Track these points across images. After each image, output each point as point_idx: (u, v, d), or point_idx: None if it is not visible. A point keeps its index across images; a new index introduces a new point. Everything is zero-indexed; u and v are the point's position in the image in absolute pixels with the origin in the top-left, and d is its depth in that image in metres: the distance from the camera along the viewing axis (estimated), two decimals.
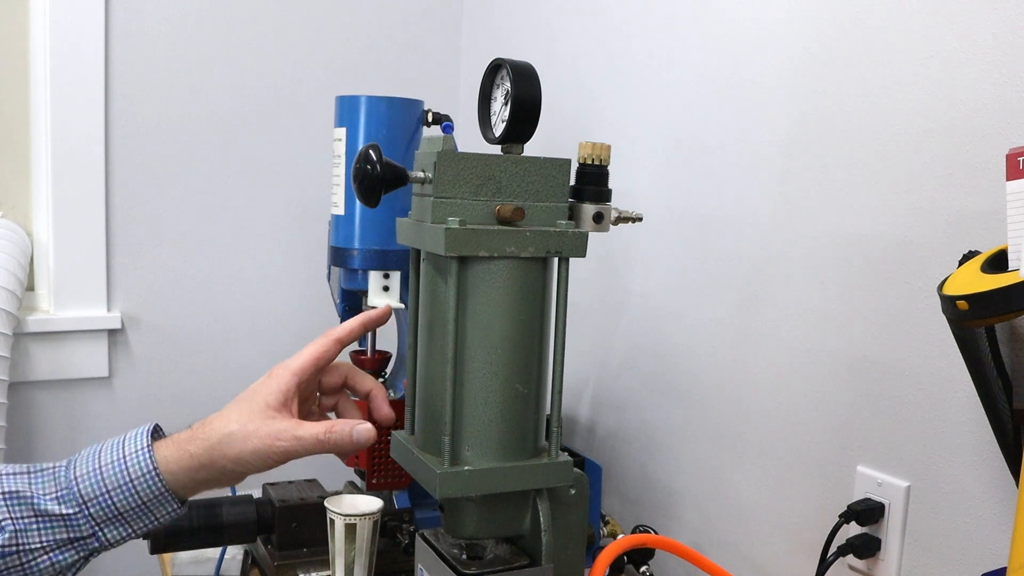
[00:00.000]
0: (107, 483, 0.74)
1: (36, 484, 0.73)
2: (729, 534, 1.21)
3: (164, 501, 0.75)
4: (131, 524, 0.75)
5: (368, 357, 1.31)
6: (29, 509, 0.72)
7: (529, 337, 0.86)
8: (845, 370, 1.02)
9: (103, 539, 0.75)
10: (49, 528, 0.73)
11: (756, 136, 1.14)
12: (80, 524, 0.73)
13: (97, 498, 0.73)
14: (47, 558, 0.73)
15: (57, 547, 0.73)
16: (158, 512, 0.76)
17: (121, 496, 0.74)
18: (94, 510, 0.73)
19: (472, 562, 0.91)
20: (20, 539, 0.72)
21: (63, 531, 0.73)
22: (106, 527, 0.74)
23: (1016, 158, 0.69)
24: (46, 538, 0.72)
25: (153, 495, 0.75)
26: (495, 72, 0.92)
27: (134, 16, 1.65)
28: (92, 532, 0.74)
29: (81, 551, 0.74)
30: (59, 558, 0.73)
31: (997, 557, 0.86)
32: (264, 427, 0.80)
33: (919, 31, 0.92)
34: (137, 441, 0.77)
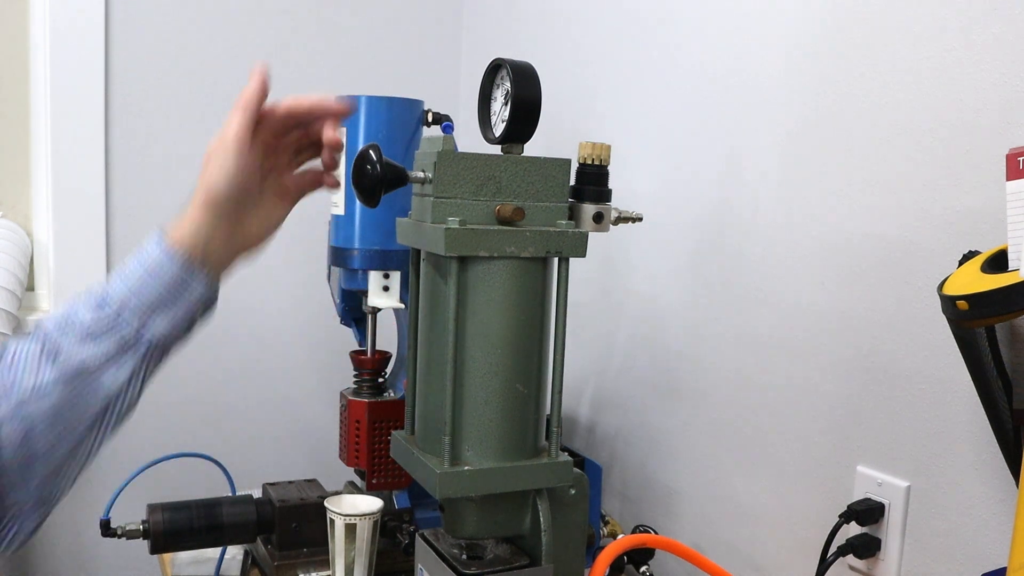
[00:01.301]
0: (132, 279, 0.76)
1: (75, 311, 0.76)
2: (729, 534, 1.21)
3: (189, 276, 0.78)
4: (169, 312, 0.77)
5: (368, 357, 1.31)
6: (76, 330, 0.75)
7: (529, 337, 0.86)
8: (845, 370, 1.02)
9: (152, 337, 0.77)
10: (98, 340, 0.75)
11: (756, 136, 1.14)
12: (124, 329, 0.76)
13: (130, 297, 0.76)
14: (107, 371, 0.75)
15: (111, 357, 0.75)
16: (189, 291, 0.78)
17: (149, 285, 0.76)
18: (134, 303, 0.76)
19: (472, 562, 0.91)
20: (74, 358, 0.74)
21: (110, 340, 0.75)
22: (148, 321, 0.76)
23: (1016, 158, 0.69)
24: (98, 351, 0.75)
25: (178, 276, 0.77)
26: (495, 72, 0.92)
27: (134, 16, 1.65)
28: (137, 330, 0.76)
29: (134, 356, 0.77)
30: (118, 367, 0.76)
31: (997, 557, 0.86)
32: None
33: (919, 31, 0.92)
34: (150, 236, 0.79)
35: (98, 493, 1.71)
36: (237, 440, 1.80)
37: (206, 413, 1.79)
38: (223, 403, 1.81)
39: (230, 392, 1.81)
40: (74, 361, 0.74)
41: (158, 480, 1.31)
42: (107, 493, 1.19)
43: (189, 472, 1.40)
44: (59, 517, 1.74)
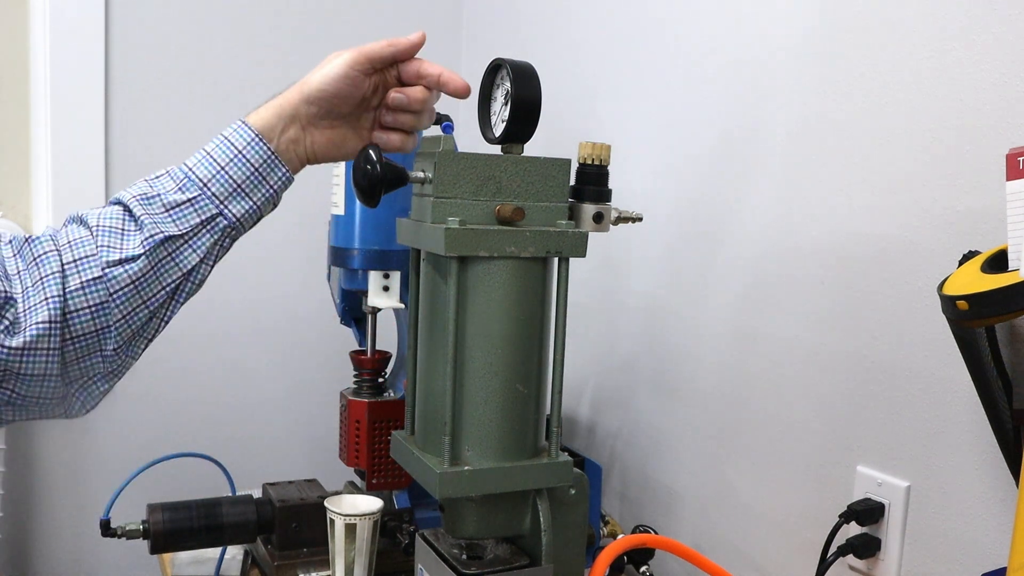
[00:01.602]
0: (219, 161, 0.80)
1: (157, 186, 0.80)
2: (729, 534, 1.21)
3: (273, 165, 0.82)
4: (251, 195, 0.81)
5: (368, 357, 1.31)
6: (159, 204, 0.78)
7: (529, 337, 0.86)
8: (845, 370, 1.02)
9: (230, 216, 0.80)
10: (181, 216, 0.78)
11: (756, 136, 1.14)
12: (205, 205, 0.79)
13: (214, 176, 0.80)
14: (188, 246, 0.79)
15: (193, 233, 0.79)
16: (271, 179, 0.82)
17: (235, 168, 0.80)
18: (215, 188, 0.79)
19: (472, 562, 0.91)
20: (159, 230, 0.78)
21: (193, 215, 0.79)
22: (229, 202, 0.80)
23: (1016, 158, 0.69)
24: (181, 226, 0.78)
25: (262, 160, 0.81)
26: (495, 72, 0.92)
27: (134, 16, 1.65)
28: (218, 210, 0.80)
29: (214, 232, 0.80)
30: (198, 244, 0.80)
31: (997, 557, 0.86)
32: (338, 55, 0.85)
33: (919, 31, 0.92)
34: (232, 125, 0.83)
35: (98, 493, 1.71)
36: (237, 440, 1.80)
37: (206, 413, 1.79)
38: (223, 403, 1.81)
39: (230, 392, 1.81)
40: (159, 233, 0.78)
41: (158, 480, 1.31)
42: (107, 493, 1.19)
43: (189, 472, 1.40)
44: (59, 517, 1.75)
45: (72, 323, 0.76)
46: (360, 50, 0.84)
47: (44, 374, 0.76)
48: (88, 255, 0.77)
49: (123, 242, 0.78)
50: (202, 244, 0.80)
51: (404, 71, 0.88)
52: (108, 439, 1.72)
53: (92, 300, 0.77)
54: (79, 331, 0.77)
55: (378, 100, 0.89)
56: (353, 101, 0.85)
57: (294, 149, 0.85)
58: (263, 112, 0.83)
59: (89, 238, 0.78)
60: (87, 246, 0.77)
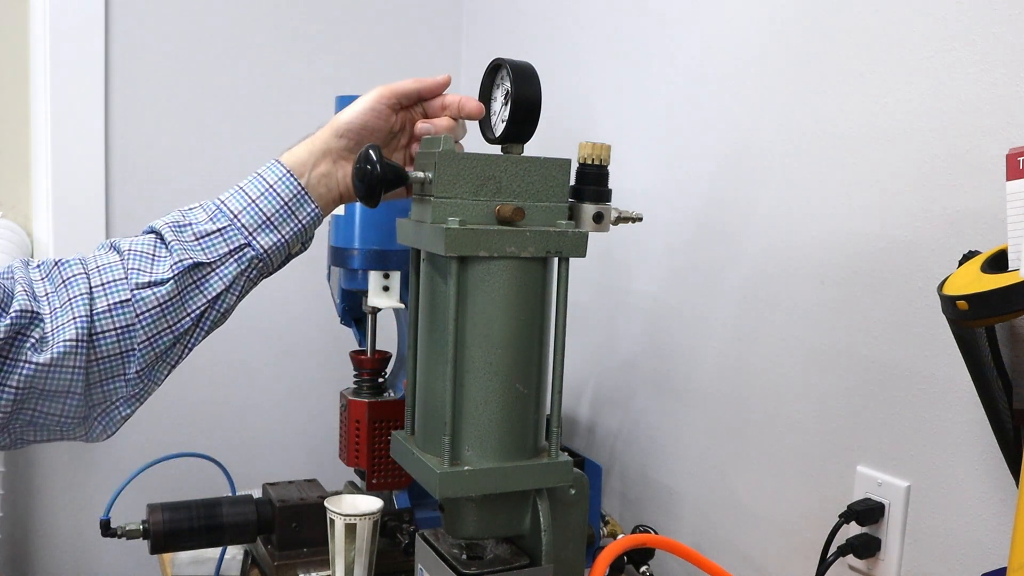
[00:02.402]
0: (250, 194, 0.84)
1: (190, 216, 0.83)
2: (729, 534, 1.21)
3: (303, 201, 0.85)
4: (279, 228, 0.84)
5: (368, 357, 1.31)
6: (190, 233, 0.82)
7: (529, 337, 0.86)
8: (845, 370, 1.02)
9: (257, 247, 0.83)
10: (210, 245, 0.82)
11: (756, 136, 1.14)
12: (234, 235, 0.82)
13: (245, 209, 0.83)
14: (215, 274, 0.82)
15: (221, 261, 0.82)
16: (300, 213, 0.86)
17: (265, 201, 0.83)
18: (244, 220, 0.83)
19: (472, 562, 0.91)
20: (187, 256, 0.81)
21: (222, 244, 0.82)
22: (257, 234, 0.83)
23: (1016, 158, 0.69)
24: (209, 254, 0.81)
25: (293, 195, 0.85)
26: (495, 72, 0.92)
27: (134, 16, 1.65)
28: (247, 240, 0.83)
29: (241, 262, 0.83)
30: (224, 272, 0.82)
31: (997, 557, 0.86)
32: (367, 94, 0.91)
33: (919, 31, 0.92)
34: (267, 164, 0.86)
35: (98, 493, 1.71)
36: (237, 440, 1.81)
37: (206, 413, 1.79)
38: (223, 403, 1.81)
39: (230, 392, 1.81)
40: (188, 259, 0.81)
41: (158, 480, 1.31)
42: (107, 493, 1.19)
43: (189, 472, 1.40)
44: (59, 517, 1.75)
45: (98, 344, 0.78)
46: (388, 86, 0.89)
47: (68, 391, 0.78)
48: (117, 279, 0.79)
49: (152, 266, 0.80)
50: (228, 272, 0.83)
51: (429, 107, 0.93)
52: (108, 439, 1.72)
53: (118, 323, 0.79)
54: (104, 352, 0.79)
55: (406, 138, 0.94)
56: (381, 134, 0.90)
57: (326, 183, 0.87)
58: (295, 150, 0.87)
59: (119, 262, 0.80)
60: (116, 270, 0.80)
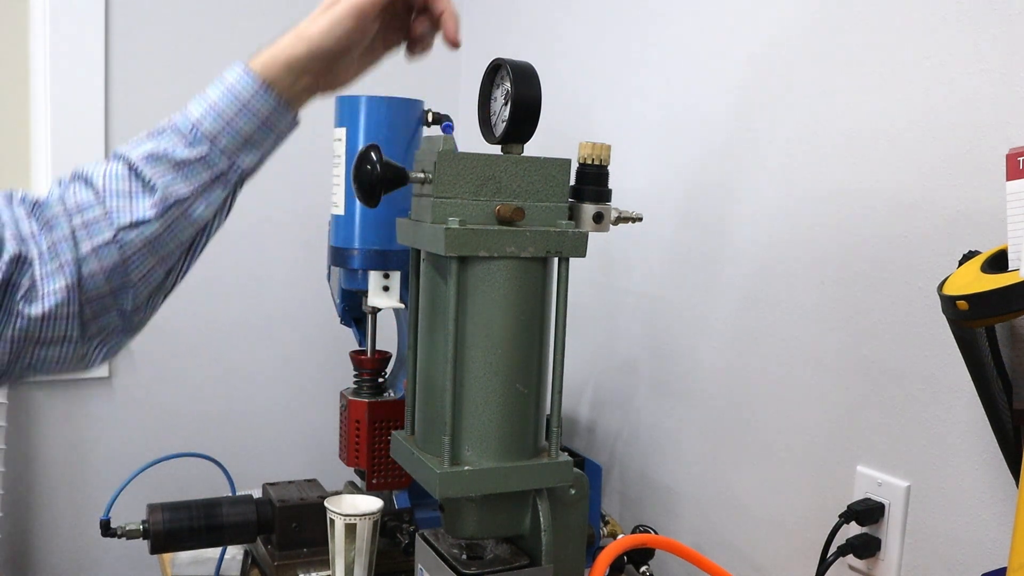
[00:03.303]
0: (225, 114, 0.77)
1: (163, 142, 0.77)
2: (729, 534, 1.21)
3: (280, 113, 0.80)
4: (260, 146, 0.80)
5: (368, 357, 1.31)
6: (167, 163, 0.76)
7: (529, 337, 0.86)
8: (845, 370, 1.02)
9: (240, 168, 0.79)
10: (192, 174, 0.77)
11: (756, 136, 1.14)
12: (216, 160, 0.77)
13: (222, 131, 0.77)
14: (200, 202, 0.78)
15: (204, 189, 0.77)
16: (279, 126, 0.80)
17: (242, 120, 0.78)
18: (224, 143, 0.77)
19: (472, 562, 0.91)
20: (170, 191, 0.76)
21: (205, 172, 0.77)
22: (239, 155, 0.79)
23: (1016, 158, 0.69)
24: (193, 184, 0.77)
25: (270, 109, 0.79)
26: (495, 72, 0.92)
27: (134, 16, 1.65)
28: (229, 164, 0.78)
29: (227, 186, 0.79)
30: (211, 198, 0.78)
31: (997, 557, 0.86)
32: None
33: (919, 31, 0.92)
34: (234, 70, 0.80)
35: (98, 493, 1.71)
36: (237, 440, 1.81)
37: (206, 413, 1.79)
38: (223, 403, 1.81)
39: (230, 392, 1.81)
40: (171, 194, 0.76)
41: (158, 480, 1.32)
42: (107, 493, 1.19)
43: (189, 472, 1.40)
44: (59, 517, 1.75)
45: (87, 286, 0.76)
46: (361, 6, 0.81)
47: (64, 338, 0.76)
48: (97, 218, 0.76)
49: (132, 204, 0.76)
50: (215, 199, 0.79)
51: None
52: (108, 439, 1.72)
53: (105, 263, 0.76)
54: (95, 293, 0.76)
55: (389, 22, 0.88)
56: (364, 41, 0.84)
57: (309, 95, 0.83)
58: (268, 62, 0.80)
59: (94, 201, 0.76)
60: (95, 210, 0.76)
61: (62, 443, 1.70)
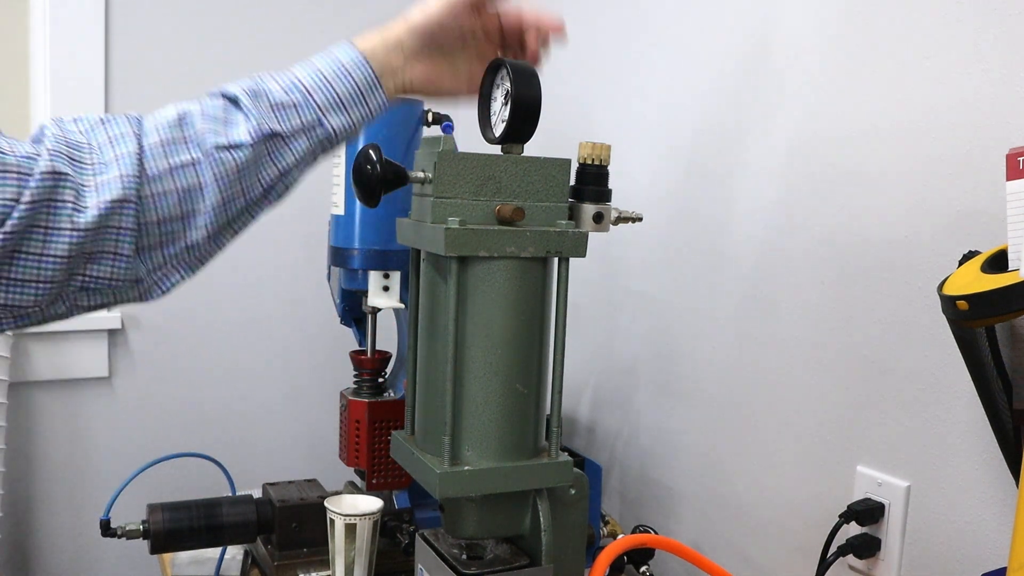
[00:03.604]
0: (326, 74, 0.82)
1: (263, 84, 0.81)
2: (729, 534, 1.21)
3: (375, 88, 0.84)
4: (349, 112, 0.83)
5: (368, 357, 1.31)
6: (266, 101, 0.79)
7: (529, 337, 0.86)
8: (845, 370, 1.02)
9: (328, 126, 0.82)
10: (285, 117, 0.79)
11: (757, 136, 1.14)
12: (308, 111, 0.80)
13: (319, 87, 0.81)
14: (287, 146, 0.80)
15: (293, 135, 0.80)
16: (371, 101, 0.84)
17: (340, 83, 0.82)
18: (318, 98, 0.81)
19: (472, 562, 0.91)
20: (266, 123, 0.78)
21: (296, 118, 0.80)
22: (329, 114, 0.81)
23: (1016, 158, 0.69)
24: (285, 126, 0.79)
25: (366, 81, 0.83)
26: (495, 72, 0.92)
27: (134, 16, 1.65)
28: (317, 119, 0.81)
29: (312, 139, 0.81)
30: (296, 146, 0.80)
31: (997, 557, 0.86)
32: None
33: (919, 31, 0.92)
34: (340, 44, 0.85)
35: (98, 493, 1.71)
36: (237, 440, 1.81)
37: (206, 413, 1.79)
38: (223, 403, 1.81)
39: (230, 392, 1.81)
40: (266, 127, 0.78)
41: (158, 480, 1.32)
42: (107, 493, 1.19)
43: (189, 472, 1.40)
44: (59, 517, 1.75)
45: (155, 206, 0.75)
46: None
47: (115, 252, 0.75)
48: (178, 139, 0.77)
49: (227, 129, 0.78)
50: (300, 147, 0.81)
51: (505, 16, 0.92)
52: (108, 439, 1.73)
53: (180, 183, 0.76)
54: (163, 215, 0.76)
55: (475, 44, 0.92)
56: (456, 33, 0.88)
57: (392, 78, 0.86)
58: (369, 37, 0.86)
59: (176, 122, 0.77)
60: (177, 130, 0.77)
61: (62, 443, 1.70)
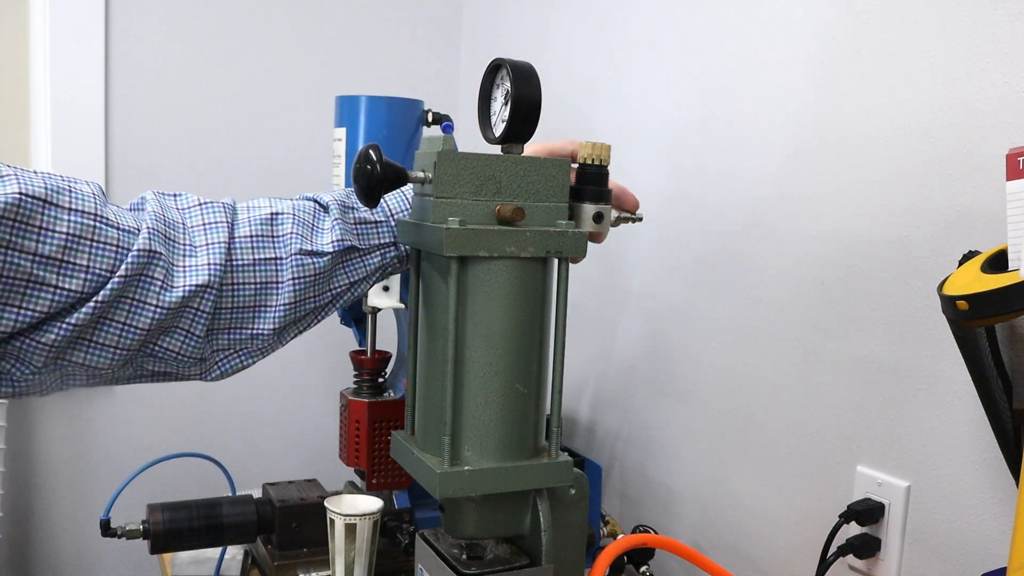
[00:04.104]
0: (408, 200, 0.90)
1: (353, 199, 0.89)
2: (729, 534, 1.21)
3: None
4: None
5: (368, 357, 1.31)
6: (352, 217, 0.88)
7: (529, 337, 0.86)
8: (845, 370, 1.02)
9: (402, 248, 0.89)
10: (365, 233, 0.88)
11: (757, 136, 1.15)
12: (386, 232, 0.89)
13: (402, 212, 0.89)
14: (362, 261, 0.88)
15: (369, 251, 0.88)
16: None
17: None
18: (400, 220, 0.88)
19: (472, 562, 0.91)
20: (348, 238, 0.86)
21: (375, 236, 0.88)
22: None
23: (1016, 158, 0.69)
24: (363, 242, 0.88)
25: None
26: (495, 72, 0.91)
27: (134, 16, 1.65)
28: (393, 240, 0.89)
29: (385, 257, 0.89)
30: (370, 261, 0.88)
31: (997, 557, 0.86)
32: None
33: (919, 31, 0.92)
34: None
35: (98, 493, 1.71)
36: (237, 440, 1.81)
37: (206, 413, 1.79)
38: (223, 403, 1.81)
39: (230, 392, 1.81)
40: (348, 241, 0.86)
41: (158, 480, 1.32)
42: (107, 493, 1.19)
43: (189, 472, 1.40)
44: (59, 517, 1.75)
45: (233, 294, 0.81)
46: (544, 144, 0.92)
47: (188, 331, 0.80)
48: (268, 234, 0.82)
49: (314, 236, 0.85)
50: (373, 263, 0.88)
51: None
52: (108, 439, 1.72)
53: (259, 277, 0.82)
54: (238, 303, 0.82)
55: None
56: None
57: None
58: None
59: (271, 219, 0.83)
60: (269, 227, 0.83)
61: (62, 443, 1.70)
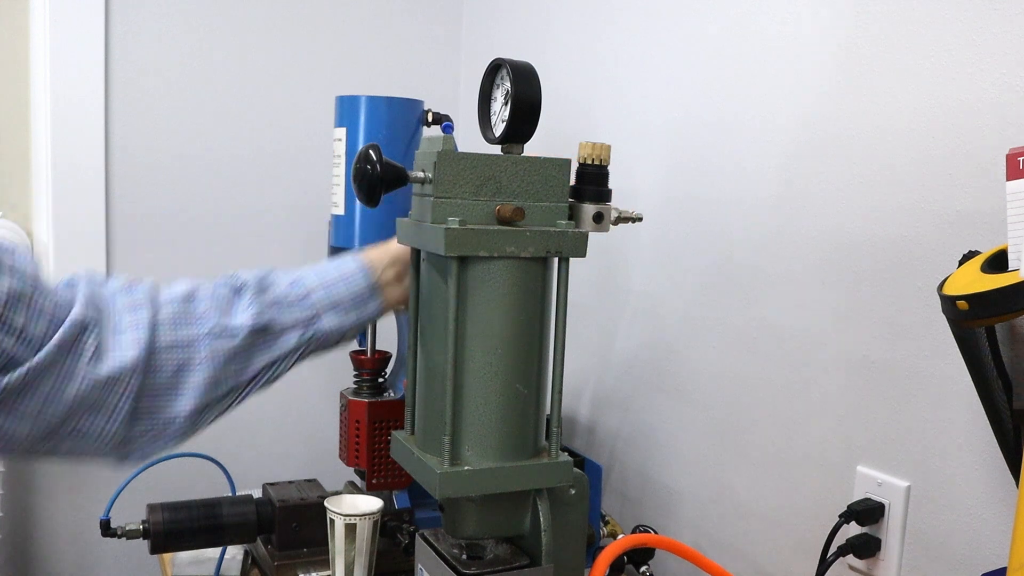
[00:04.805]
0: (327, 277, 0.91)
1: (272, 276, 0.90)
2: (729, 534, 1.21)
3: (372, 296, 0.92)
4: (343, 315, 0.91)
5: (368, 357, 1.31)
6: (269, 296, 0.88)
7: (529, 337, 0.86)
8: (845, 370, 1.02)
9: (320, 325, 0.90)
10: (280, 311, 0.88)
11: (757, 136, 1.14)
12: (305, 309, 0.89)
13: (320, 287, 0.90)
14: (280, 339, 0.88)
15: (284, 330, 0.88)
16: (366, 308, 0.92)
17: (338, 287, 0.90)
18: (316, 297, 0.89)
19: (472, 562, 0.91)
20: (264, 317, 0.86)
21: (291, 314, 0.88)
22: (325, 313, 0.90)
23: (1016, 158, 0.69)
24: (278, 320, 0.88)
25: (365, 288, 0.91)
26: (495, 72, 0.91)
27: (134, 16, 1.65)
28: (313, 315, 0.89)
29: (301, 336, 0.89)
30: (287, 339, 0.88)
31: (997, 557, 0.86)
32: None
33: (919, 31, 0.92)
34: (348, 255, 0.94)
35: (98, 493, 1.71)
36: (237, 440, 1.80)
37: None
38: None
39: None
40: (264, 318, 0.86)
41: (158, 480, 1.31)
42: (107, 493, 1.19)
43: (189, 472, 1.40)
44: (59, 517, 1.74)
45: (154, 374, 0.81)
46: None
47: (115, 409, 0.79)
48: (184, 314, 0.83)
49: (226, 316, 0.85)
50: (289, 342, 0.88)
51: None
52: None
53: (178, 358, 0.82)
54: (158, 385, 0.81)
55: None
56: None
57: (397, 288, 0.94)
58: (371, 252, 0.95)
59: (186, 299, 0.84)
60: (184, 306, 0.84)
61: None
